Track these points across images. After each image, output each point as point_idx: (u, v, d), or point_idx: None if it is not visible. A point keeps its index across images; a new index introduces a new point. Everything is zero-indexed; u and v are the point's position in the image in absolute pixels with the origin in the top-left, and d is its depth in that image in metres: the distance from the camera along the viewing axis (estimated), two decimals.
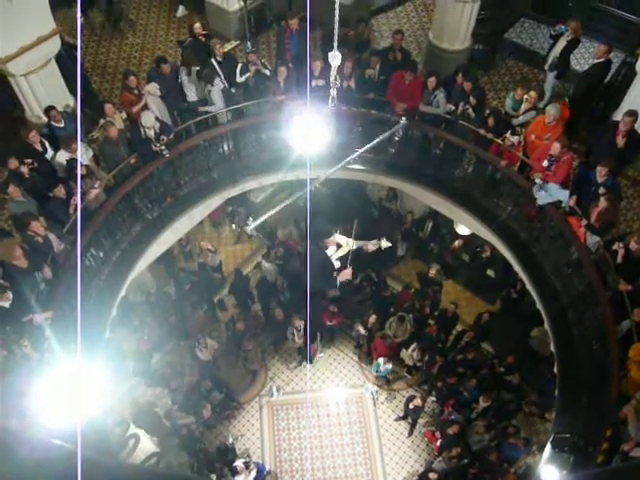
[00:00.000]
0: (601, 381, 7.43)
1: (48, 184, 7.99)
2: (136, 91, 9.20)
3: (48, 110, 8.76)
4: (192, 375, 11.02)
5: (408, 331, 11.16)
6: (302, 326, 10.85)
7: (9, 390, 6.73)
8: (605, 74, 9.88)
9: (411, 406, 10.53)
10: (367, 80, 9.61)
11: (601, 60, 9.58)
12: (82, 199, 7.97)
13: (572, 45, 10.14)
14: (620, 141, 8.39)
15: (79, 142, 8.14)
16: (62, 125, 8.79)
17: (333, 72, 5.54)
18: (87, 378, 3.85)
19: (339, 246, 7.57)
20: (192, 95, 9.57)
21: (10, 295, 7.12)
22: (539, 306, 9.01)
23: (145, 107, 9.12)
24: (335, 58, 5.32)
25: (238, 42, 12.19)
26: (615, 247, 7.76)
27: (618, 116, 9.70)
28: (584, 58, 10.52)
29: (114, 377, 9.87)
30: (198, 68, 9.36)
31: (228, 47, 11.76)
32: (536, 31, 12.47)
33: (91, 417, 6.48)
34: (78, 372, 3.77)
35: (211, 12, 12.29)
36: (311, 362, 11.72)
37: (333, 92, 5.76)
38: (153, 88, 9.32)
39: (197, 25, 9.96)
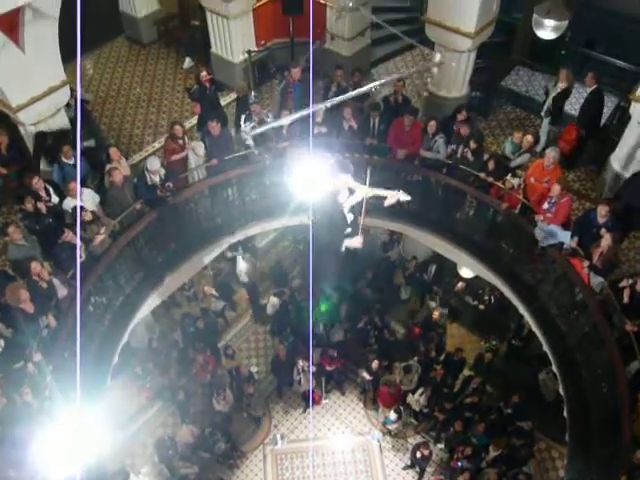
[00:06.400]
0: (612, 425, 7.27)
1: (53, 229, 8.07)
2: (181, 141, 9.37)
3: None
4: (194, 424, 10.81)
5: (414, 382, 10.99)
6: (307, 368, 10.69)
7: (8, 439, 6.63)
8: (601, 103, 10.15)
9: (418, 454, 10.25)
10: (369, 127, 9.82)
11: (594, 87, 9.89)
12: (87, 245, 8.04)
13: (564, 93, 10.45)
14: None
15: (78, 187, 8.20)
16: (72, 162, 8.88)
17: None
18: (87, 427, 3.80)
19: (351, 192, 6.06)
20: None
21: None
22: (545, 349, 8.90)
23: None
24: None
25: None
26: (624, 283, 7.74)
27: (615, 159, 9.88)
28: (578, 103, 10.81)
29: (114, 425, 9.71)
30: None
31: (232, 97, 12.04)
32: (531, 78, 12.90)
33: (90, 466, 6.34)
34: (78, 421, 3.72)
35: (217, 63, 12.68)
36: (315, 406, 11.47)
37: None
38: (199, 147, 9.53)
39: (203, 73, 10.40)
